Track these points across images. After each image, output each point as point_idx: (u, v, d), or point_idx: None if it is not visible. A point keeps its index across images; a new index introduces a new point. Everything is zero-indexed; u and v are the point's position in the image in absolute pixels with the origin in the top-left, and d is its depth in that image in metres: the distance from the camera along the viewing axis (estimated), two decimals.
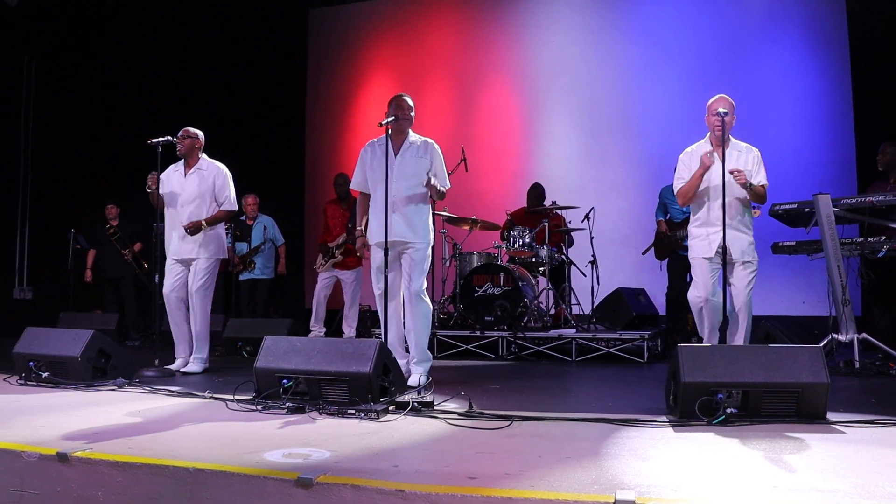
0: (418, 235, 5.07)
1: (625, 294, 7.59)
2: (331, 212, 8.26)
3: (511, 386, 5.24)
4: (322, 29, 11.92)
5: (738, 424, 3.51)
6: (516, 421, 3.57)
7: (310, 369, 4.02)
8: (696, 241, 5.39)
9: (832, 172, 8.74)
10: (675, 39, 9.78)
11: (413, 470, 2.67)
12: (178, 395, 4.58)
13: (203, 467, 2.63)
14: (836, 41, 9.04)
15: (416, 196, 5.09)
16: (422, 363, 5.08)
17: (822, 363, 3.65)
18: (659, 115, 9.55)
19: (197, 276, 5.89)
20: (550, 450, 3.00)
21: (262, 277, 8.76)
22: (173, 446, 3.02)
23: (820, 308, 8.47)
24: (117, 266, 9.44)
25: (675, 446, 3.12)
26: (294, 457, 2.82)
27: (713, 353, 3.76)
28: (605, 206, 8.39)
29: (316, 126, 11.79)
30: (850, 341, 5.79)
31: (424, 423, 3.57)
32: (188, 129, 6.05)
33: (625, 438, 3.24)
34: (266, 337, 4.30)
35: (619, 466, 2.72)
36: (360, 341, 4.12)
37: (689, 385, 3.62)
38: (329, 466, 2.66)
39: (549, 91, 10.43)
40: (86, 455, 2.82)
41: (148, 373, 5.46)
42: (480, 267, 7.44)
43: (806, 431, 3.38)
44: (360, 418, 3.66)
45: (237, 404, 4.07)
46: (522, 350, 7.05)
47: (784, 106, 9.11)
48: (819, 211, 5.81)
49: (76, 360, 4.93)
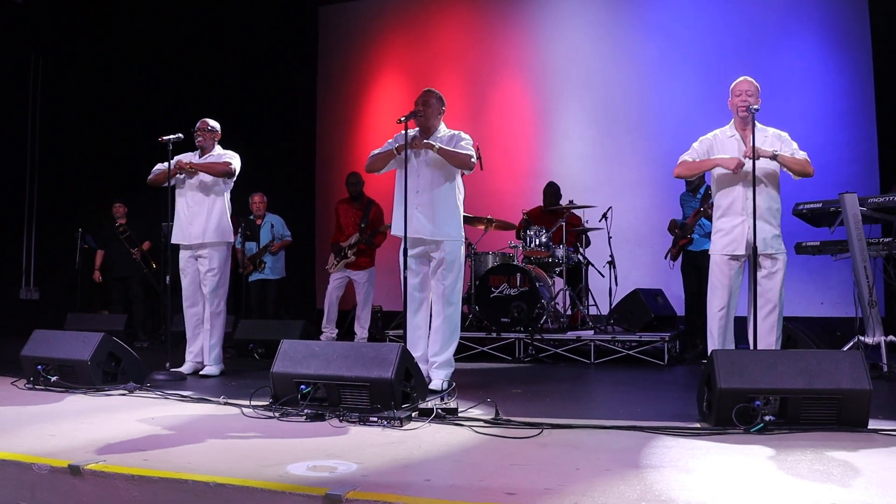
0: (441, 232, 4.90)
1: (643, 295, 7.44)
2: (343, 211, 8.12)
3: (533, 390, 5.09)
4: (332, 26, 11.77)
5: (777, 433, 3.36)
6: (546, 429, 3.42)
7: (329, 374, 3.87)
8: (717, 235, 5.02)
9: (853, 171, 8.56)
10: (691, 35, 9.60)
11: (447, 485, 2.53)
12: (190, 400, 4.44)
13: (224, 482, 2.49)
14: (857, 36, 8.85)
15: (440, 191, 4.91)
16: (443, 368, 4.92)
17: (864, 369, 3.50)
18: (675, 113, 9.37)
19: (208, 274, 5.79)
20: (587, 461, 2.86)
21: (272, 278, 8.62)
22: (191, 458, 2.88)
23: (839, 309, 8.33)
24: (125, 265, 9.30)
25: (716, 457, 2.97)
26: (319, 470, 2.68)
27: (750, 359, 3.61)
28: (621, 206, 8.21)
29: (326, 124, 11.66)
30: (876, 344, 5.63)
31: (450, 432, 3.42)
32: (207, 122, 5.97)
33: (662, 448, 3.09)
34: (283, 341, 4.16)
35: (663, 479, 2.58)
36: (382, 345, 3.98)
37: (725, 391, 3.47)
38: (357, 481, 2.51)
39: (563, 88, 10.26)
40: (99, 468, 2.68)
41: (159, 376, 5.34)
42: (496, 267, 7.30)
43: (850, 441, 3.23)
44: (384, 426, 3.51)
45: (253, 411, 3.92)
46: (539, 352, 6.91)
47: (803, 102, 8.92)
48: (845, 210, 5.65)
49: (86, 364, 4.79)
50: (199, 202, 5.83)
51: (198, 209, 5.81)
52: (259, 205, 8.62)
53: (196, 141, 5.92)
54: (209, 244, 5.82)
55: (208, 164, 5.81)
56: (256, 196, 8.62)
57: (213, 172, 5.79)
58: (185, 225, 5.83)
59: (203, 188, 5.84)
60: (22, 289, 10.20)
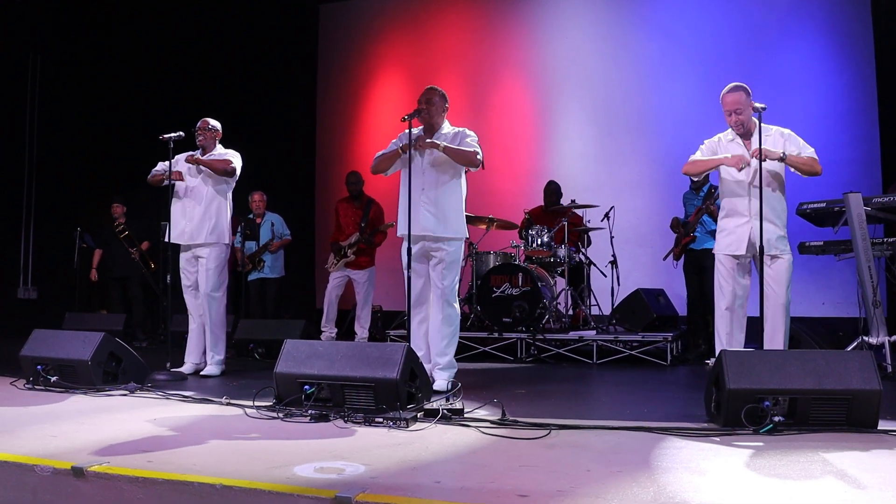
0: (448, 230, 4.85)
1: (645, 295, 7.41)
2: (343, 210, 8.08)
3: (537, 390, 5.06)
4: (333, 24, 11.72)
5: (787, 433, 3.33)
6: (554, 430, 3.38)
7: (334, 374, 3.83)
8: (720, 235, 5.02)
9: (855, 171, 8.52)
10: (692, 35, 9.56)
11: (457, 487, 2.49)
12: (192, 400, 4.40)
13: (231, 484, 2.45)
14: (859, 35, 8.81)
15: (445, 189, 4.87)
16: (447, 368, 4.88)
17: (874, 369, 3.48)
18: (676, 113, 9.34)
19: (208, 274, 5.76)
20: (597, 462, 2.82)
21: (272, 276, 8.57)
22: (195, 460, 2.84)
23: (840, 309, 8.29)
24: (124, 265, 9.25)
25: (727, 458, 2.93)
26: (327, 471, 2.64)
27: (759, 359, 3.57)
28: (622, 205, 8.18)
29: (327, 123, 11.61)
30: (880, 344, 5.59)
31: (457, 433, 3.38)
32: (208, 121, 5.95)
33: (672, 449, 3.06)
34: (286, 340, 4.12)
35: (676, 482, 2.54)
36: (386, 345, 3.94)
37: (734, 392, 3.44)
38: (366, 483, 2.48)
39: (563, 88, 10.22)
40: (103, 470, 2.64)
41: (160, 376, 5.30)
42: (498, 267, 7.26)
43: (861, 442, 3.20)
44: (389, 427, 3.47)
45: (257, 412, 3.88)
46: (542, 352, 6.88)
47: (805, 102, 8.89)
48: (850, 210, 5.60)
49: (86, 364, 4.75)
50: (200, 202, 5.79)
51: (199, 209, 5.78)
52: (259, 203, 8.56)
53: (197, 140, 5.89)
54: (208, 244, 5.78)
55: (210, 161, 5.78)
56: (256, 195, 8.56)
57: (215, 170, 5.76)
58: (185, 224, 5.79)
59: (205, 188, 5.80)
60: (20, 288, 10.14)
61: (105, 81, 10.24)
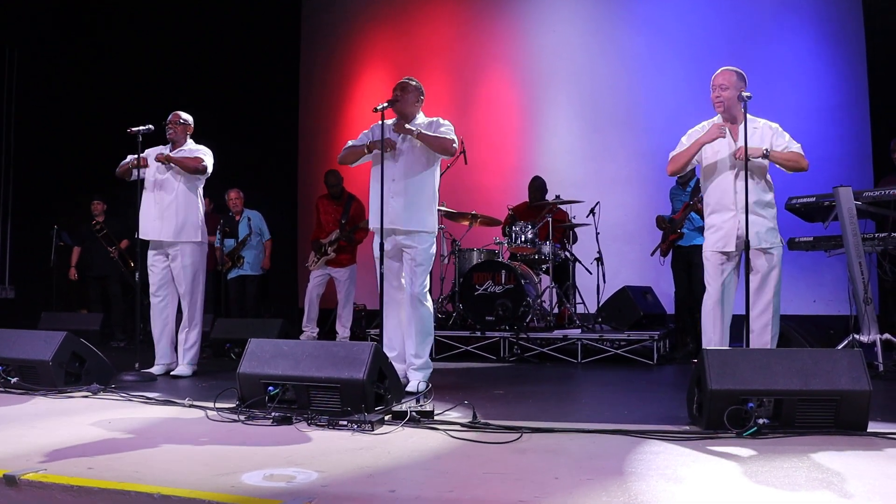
0: (417, 223, 4.70)
1: (631, 293, 7.23)
2: (323, 207, 7.90)
3: (516, 391, 4.88)
4: (316, 17, 11.55)
5: (772, 437, 3.17)
6: (526, 433, 3.21)
7: (298, 375, 3.66)
8: (708, 232, 4.84)
9: (846, 166, 8.39)
10: (681, 29, 9.42)
11: (412, 496, 2.31)
12: (155, 402, 4.22)
13: (170, 493, 2.27)
14: (850, 30, 8.69)
15: (416, 180, 4.71)
16: (422, 369, 4.71)
17: (863, 368, 3.32)
18: (664, 108, 9.18)
19: (184, 272, 5.58)
20: (568, 468, 2.66)
21: (252, 274, 8.38)
22: (140, 466, 2.66)
23: (831, 307, 8.16)
24: (103, 264, 9.05)
25: (707, 464, 2.77)
26: (276, 479, 2.46)
27: (743, 358, 3.41)
28: (608, 202, 8.01)
29: (309, 118, 11.44)
30: (872, 342, 5.45)
31: (424, 436, 3.21)
32: (179, 114, 5.77)
33: (649, 454, 2.89)
34: (251, 340, 3.94)
35: (649, 490, 2.38)
36: (353, 344, 3.77)
37: (716, 393, 3.28)
38: (316, 491, 2.30)
39: (550, 82, 10.06)
40: (37, 478, 2.46)
41: (127, 377, 5.12)
42: (481, 264, 7.09)
43: (849, 445, 3.04)
44: (353, 430, 3.30)
45: (218, 414, 3.71)
46: (525, 351, 6.71)
47: (796, 97, 8.75)
48: (840, 204, 5.45)
49: (47, 365, 4.56)
50: (171, 198, 5.60)
51: (170, 206, 5.59)
52: (235, 201, 8.37)
53: (167, 134, 5.72)
54: (182, 242, 5.60)
55: (181, 159, 5.59)
56: (233, 192, 8.37)
57: (186, 168, 5.57)
58: (156, 221, 5.60)
59: (175, 183, 5.61)
60: None
61: (83, 75, 10.04)
